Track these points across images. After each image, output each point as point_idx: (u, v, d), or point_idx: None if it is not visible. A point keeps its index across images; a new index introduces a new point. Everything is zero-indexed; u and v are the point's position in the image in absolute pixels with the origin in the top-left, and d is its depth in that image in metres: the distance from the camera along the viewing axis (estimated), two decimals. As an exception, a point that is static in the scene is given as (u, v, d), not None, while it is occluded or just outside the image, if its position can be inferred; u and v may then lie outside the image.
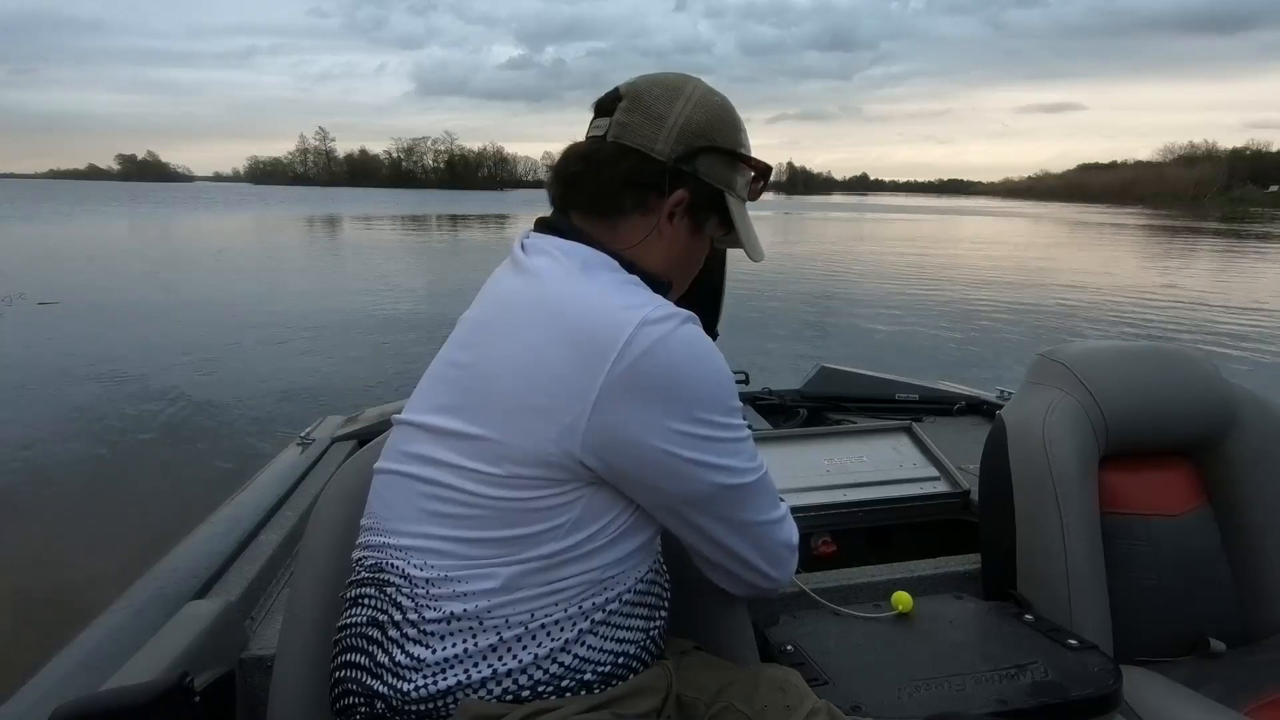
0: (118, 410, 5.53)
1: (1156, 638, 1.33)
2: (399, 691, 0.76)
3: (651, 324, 0.76)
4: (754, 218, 1.00)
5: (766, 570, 0.92)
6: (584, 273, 0.83)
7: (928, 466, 1.89)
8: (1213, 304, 11.78)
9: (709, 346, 0.81)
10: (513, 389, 0.77)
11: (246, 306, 10.15)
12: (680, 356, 0.78)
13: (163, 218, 35.71)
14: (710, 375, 0.80)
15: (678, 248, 0.92)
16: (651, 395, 0.76)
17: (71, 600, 2.76)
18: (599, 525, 0.80)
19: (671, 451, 0.78)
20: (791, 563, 0.94)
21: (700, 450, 0.80)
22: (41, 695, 0.95)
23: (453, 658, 0.76)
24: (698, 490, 0.82)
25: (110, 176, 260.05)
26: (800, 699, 0.86)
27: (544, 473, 0.76)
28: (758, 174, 0.96)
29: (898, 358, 7.16)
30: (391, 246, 22.10)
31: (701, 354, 0.80)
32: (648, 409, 0.76)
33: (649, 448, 0.77)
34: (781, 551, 0.92)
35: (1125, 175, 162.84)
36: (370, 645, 0.79)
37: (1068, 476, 1.31)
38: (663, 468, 0.79)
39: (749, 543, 0.89)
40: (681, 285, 0.98)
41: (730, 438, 0.83)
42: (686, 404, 0.78)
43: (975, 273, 15.69)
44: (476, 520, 0.77)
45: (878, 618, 1.27)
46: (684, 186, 0.89)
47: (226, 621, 1.19)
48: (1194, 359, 1.48)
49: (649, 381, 0.76)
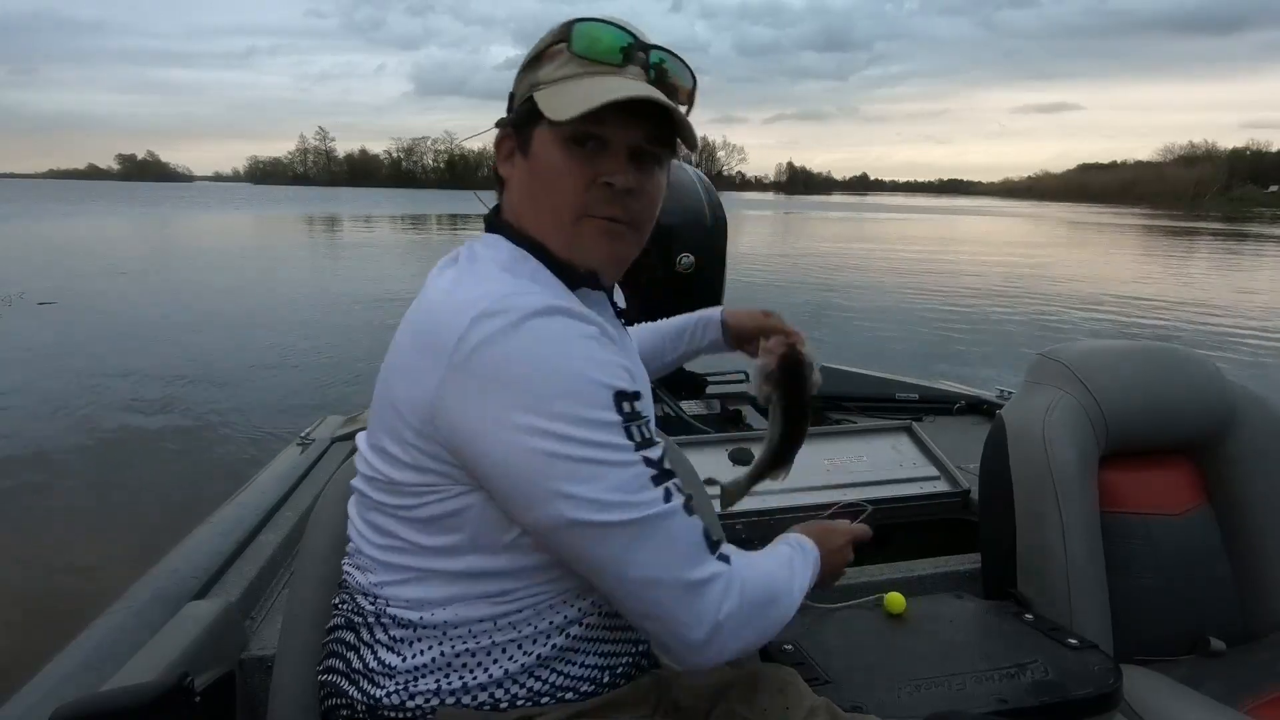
0: (118, 410, 5.53)
1: (1157, 637, 1.33)
2: (372, 697, 0.76)
3: (489, 316, 0.67)
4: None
5: (676, 648, 0.72)
6: (462, 263, 0.78)
7: (928, 466, 1.89)
8: (1213, 303, 11.78)
9: (562, 342, 0.69)
10: (383, 393, 0.76)
11: (247, 306, 10.15)
12: (519, 349, 0.67)
13: (163, 218, 35.72)
14: (557, 373, 0.67)
15: (523, 185, 0.80)
16: (490, 387, 0.67)
17: (71, 601, 2.76)
18: (511, 536, 0.73)
19: (513, 446, 0.67)
20: (720, 643, 0.71)
21: (547, 458, 0.66)
22: (42, 695, 0.95)
23: (424, 666, 0.75)
24: (548, 518, 0.68)
25: (110, 176, 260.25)
26: (800, 699, 0.86)
27: (421, 479, 0.72)
28: (555, 41, 0.79)
29: (898, 357, 7.16)
30: (392, 246, 22.09)
31: (548, 350, 0.68)
32: (486, 402, 0.67)
33: (491, 441, 0.67)
34: (694, 626, 0.70)
35: (1125, 175, 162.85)
36: (347, 650, 0.79)
37: (1068, 476, 1.31)
38: (506, 475, 0.68)
39: (643, 604, 0.71)
40: (555, 221, 0.78)
41: (588, 457, 0.67)
42: (533, 398, 0.66)
43: (975, 272, 15.68)
44: (396, 529, 0.76)
45: (868, 611, 1.27)
46: (505, 126, 0.82)
47: (226, 622, 1.19)
48: (1194, 358, 1.48)
49: (486, 373, 0.67)
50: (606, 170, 0.76)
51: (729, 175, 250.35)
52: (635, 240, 0.81)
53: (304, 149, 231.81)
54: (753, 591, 0.74)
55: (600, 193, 0.76)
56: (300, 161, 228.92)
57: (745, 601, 0.73)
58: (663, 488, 0.71)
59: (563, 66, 0.77)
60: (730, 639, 0.72)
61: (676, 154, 0.82)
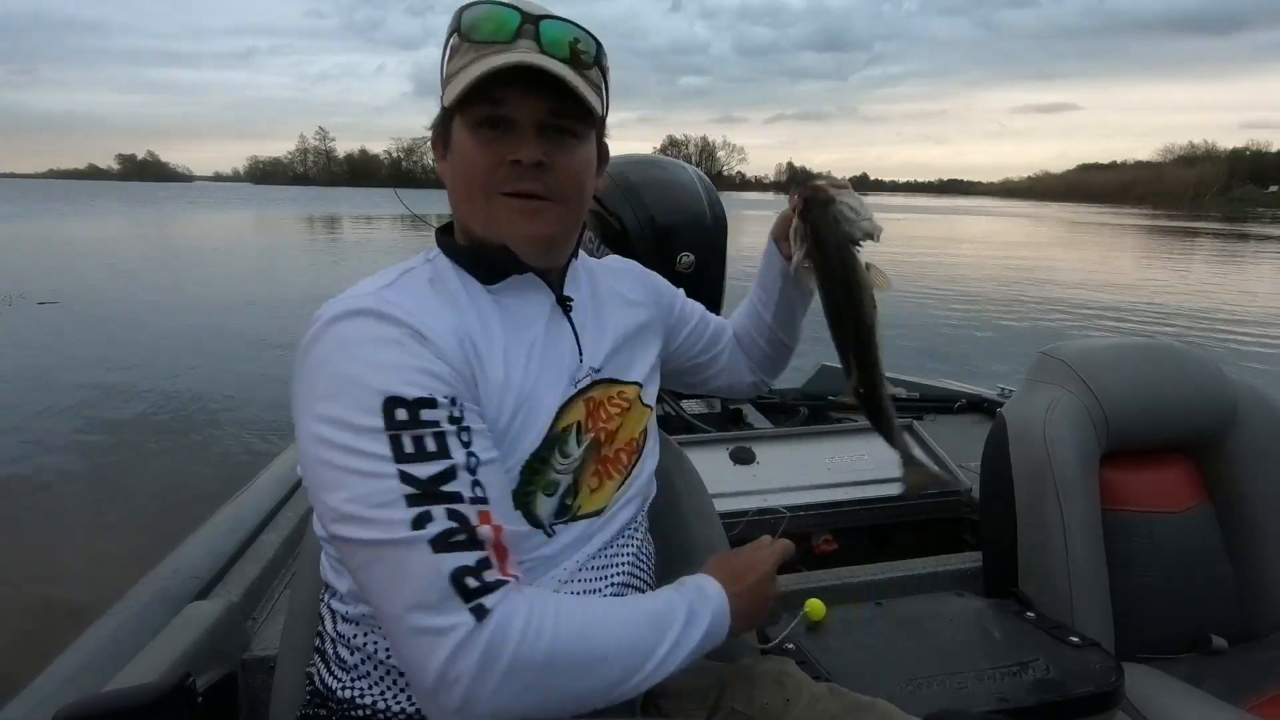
0: (118, 410, 5.53)
1: (1158, 635, 1.33)
2: (329, 688, 0.79)
3: (314, 320, 0.71)
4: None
5: (415, 691, 0.70)
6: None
7: (929, 465, 1.90)
8: (1214, 301, 11.77)
9: (348, 345, 0.68)
10: None
11: (247, 306, 10.15)
12: (318, 352, 0.69)
13: (163, 218, 35.72)
14: (331, 376, 0.67)
15: (450, 178, 0.81)
16: (297, 388, 0.70)
17: (73, 601, 2.76)
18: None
19: (302, 448, 0.68)
20: (464, 703, 0.61)
21: (311, 462, 0.66)
22: (44, 696, 0.95)
23: (369, 659, 0.76)
24: (320, 524, 0.70)
25: (110, 176, 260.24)
26: (799, 688, 0.85)
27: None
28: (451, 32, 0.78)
29: (899, 356, 7.16)
30: (393, 246, 22.08)
31: (333, 353, 0.68)
32: (294, 403, 0.70)
33: (299, 441, 0.69)
34: (420, 675, 0.62)
35: (1125, 175, 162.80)
36: (320, 643, 0.82)
37: (1069, 474, 1.31)
38: (305, 477, 0.69)
39: (386, 632, 0.67)
40: (471, 203, 0.79)
41: (335, 462, 0.64)
42: (312, 400, 0.68)
43: (976, 271, 15.68)
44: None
45: (868, 610, 1.28)
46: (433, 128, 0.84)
47: (228, 622, 1.19)
48: (1195, 356, 1.47)
49: (297, 374, 0.70)
50: (513, 149, 0.75)
51: (729, 175, 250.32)
52: (559, 215, 0.80)
53: (304, 149, 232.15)
54: (534, 654, 0.63)
55: (510, 170, 0.76)
56: (300, 161, 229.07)
57: (512, 665, 0.62)
58: (418, 510, 0.63)
59: (463, 56, 0.77)
60: (480, 702, 0.61)
61: (593, 124, 0.81)
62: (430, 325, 0.71)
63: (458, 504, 0.65)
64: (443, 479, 0.65)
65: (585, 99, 0.76)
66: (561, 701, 0.66)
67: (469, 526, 0.64)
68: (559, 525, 0.80)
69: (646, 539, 0.94)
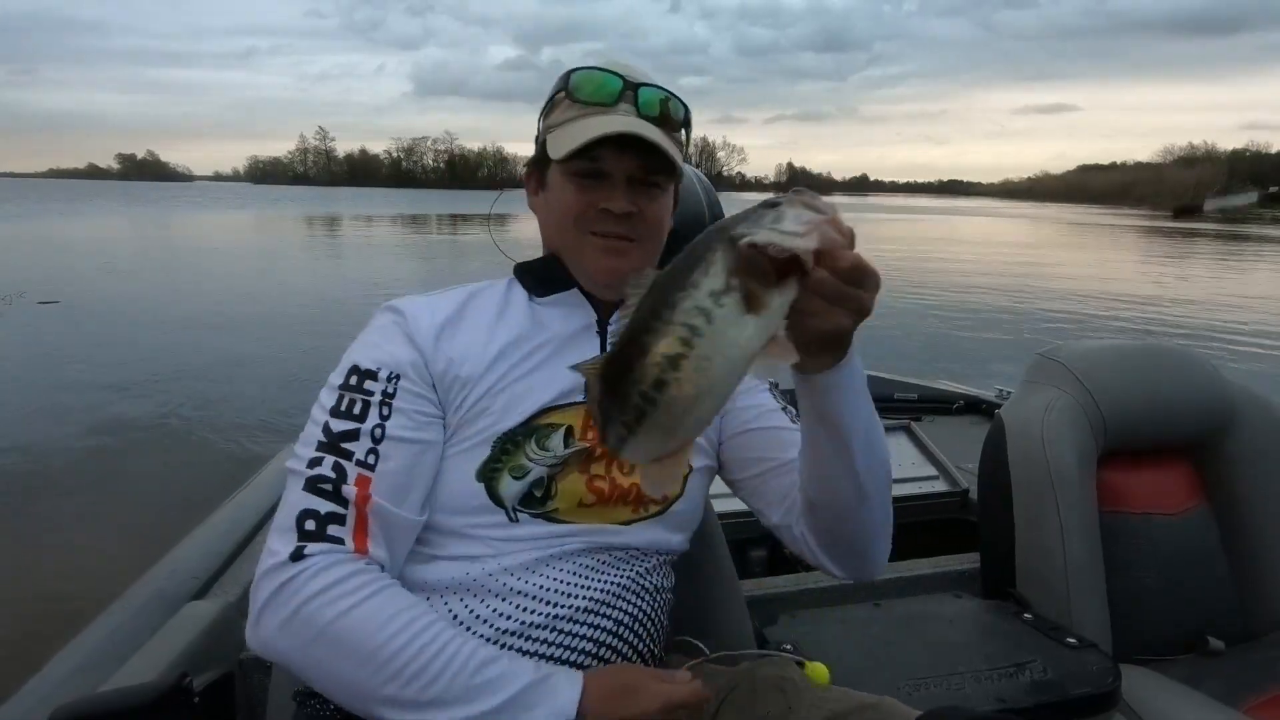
0: (117, 410, 5.52)
1: (1155, 636, 1.33)
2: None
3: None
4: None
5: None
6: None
7: (926, 466, 1.89)
8: (1212, 303, 11.78)
9: (372, 328, 0.86)
10: None
11: (247, 306, 10.14)
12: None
13: (163, 217, 35.73)
14: (352, 346, 0.85)
15: (544, 213, 0.92)
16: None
17: (70, 601, 2.76)
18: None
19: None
20: (262, 629, 0.70)
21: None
22: (41, 696, 0.95)
23: None
24: None
25: (110, 176, 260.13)
26: (799, 694, 0.85)
27: None
28: (558, 90, 0.89)
29: (896, 357, 7.16)
30: (393, 246, 22.09)
31: (364, 330, 0.87)
32: None
33: None
34: (257, 596, 0.71)
35: (1125, 176, 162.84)
36: None
37: (1067, 475, 1.31)
38: None
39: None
40: (564, 238, 0.89)
41: (317, 405, 0.81)
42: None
43: (975, 272, 15.68)
44: None
45: (868, 610, 1.27)
46: (529, 167, 0.94)
47: (226, 622, 1.19)
48: (1193, 358, 1.48)
49: None
50: (605, 198, 0.85)
51: (729, 176, 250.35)
52: (642, 254, 0.88)
53: (304, 149, 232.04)
54: (318, 616, 0.68)
55: (600, 215, 0.85)
56: (300, 161, 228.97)
57: (296, 614, 0.69)
58: (316, 454, 0.77)
59: (565, 111, 0.87)
60: (265, 629, 0.70)
61: (675, 178, 0.89)
62: (418, 320, 0.85)
63: (346, 460, 0.76)
64: (347, 437, 0.77)
65: (672, 159, 0.85)
66: (326, 678, 0.70)
67: (341, 482, 0.75)
68: (523, 513, 0.82)
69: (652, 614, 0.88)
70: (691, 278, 0.52)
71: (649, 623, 0.87)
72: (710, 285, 0.52)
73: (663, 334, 0.53)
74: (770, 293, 0.52)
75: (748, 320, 0.52)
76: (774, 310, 0.53)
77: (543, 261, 0.93)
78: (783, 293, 0.53)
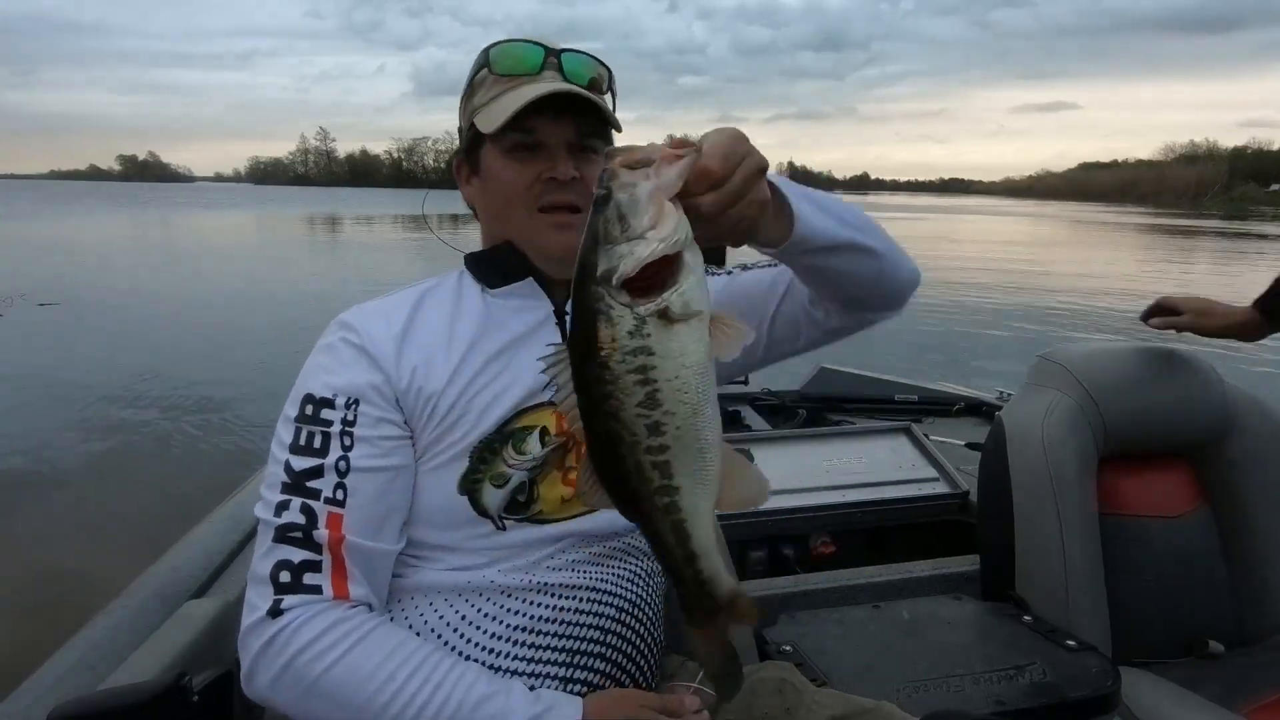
0: (117, 410, 5.53)
1: (1155, 639, 1.33)
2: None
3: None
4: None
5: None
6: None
7: (926, 467, 1.89)
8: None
9: (321, 348, 0.82)
10: None
11: (247, 306, 10.15)
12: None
13: (163, 218, 35.72)
14: (303, 371, 0.81)
15: (483, 200, 0.89)
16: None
17: (69, 599, 2.76)
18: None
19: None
20: (258, 684, 0.72)
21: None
22: (39, 694, 0.95)
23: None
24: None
25: (111, 177, 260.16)
26: (799, 695, 0.85)
27: None
28: (479, 69, 0.86)
29: (897, 359, 7.15)
30: (394, 246, 22.09)
31: (315, 350, 0.83)
32: None
33: None
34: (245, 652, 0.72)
35: (1126, 174, 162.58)
36: None
37: (1066, 478, 1.31)
38: None
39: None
40: (513, 220, 0.86)
41: (275, 442, 0.77)
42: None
43: (976, 273, 15.66)
44: None
45: (867, 612, 1.27)
46: (457, 156, 0.92)
47: (224, 621, 1.19)
48: (1193, 361, 1.47)
49: None
50: (547, 167, 0.82)
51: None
52: None
53: (304, 149, 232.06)
54: (309, 670, 0.69)
55: (545, 186, 0.83)
56: (301, 162, 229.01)
57: (288, 668, 0.70)
58: (282, 498, 0.73)
59: (490, 89, 0.85)
60: (259, 681, 0.71)
61: (612, 140, 0.86)
62: (373, 334, 0.81)
63: (313, 500, 0.73)
64: (310, 475, 0.74)
65: (609, 117, 0.84)
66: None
67: (311, 526, 0.72)
68: (510, 520, 0.81)
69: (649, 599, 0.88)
70: (601, 338, 0.51)
71: (648, 608, 0.87)
72: (625, 329, 0.50)
73: (622, 392, 0.51)
74: (673, 290, 0.51)
75: (677, 327, 0.51)
76: (690, 295, 0.51)
77: (494, 250, 0.89)
78: (683, 275, 0.51)
